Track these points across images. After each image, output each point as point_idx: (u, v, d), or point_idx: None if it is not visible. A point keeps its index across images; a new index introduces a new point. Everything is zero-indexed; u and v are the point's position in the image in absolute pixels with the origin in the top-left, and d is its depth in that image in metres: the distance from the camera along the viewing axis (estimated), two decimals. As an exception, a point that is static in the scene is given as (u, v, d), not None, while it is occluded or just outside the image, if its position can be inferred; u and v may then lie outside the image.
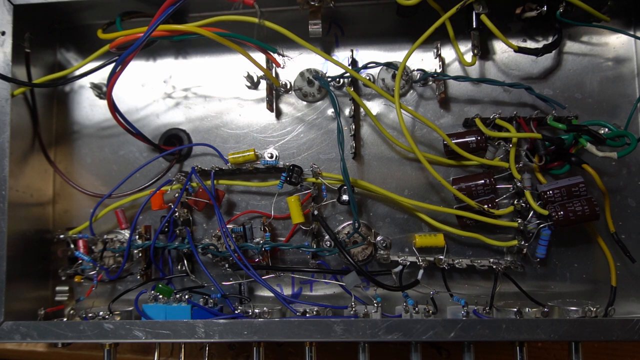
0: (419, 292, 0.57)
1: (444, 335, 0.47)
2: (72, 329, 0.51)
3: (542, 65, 0.59)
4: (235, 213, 0.62)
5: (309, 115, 0.62)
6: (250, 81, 0.62)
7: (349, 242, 0.59)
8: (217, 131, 0.63)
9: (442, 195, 0.60)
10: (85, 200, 0.64)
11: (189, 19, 0.61)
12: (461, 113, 0.60)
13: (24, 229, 0.59)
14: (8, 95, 0.56)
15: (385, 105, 0.61)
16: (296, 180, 0.57)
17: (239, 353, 0.66)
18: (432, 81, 0.60)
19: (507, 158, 0.56)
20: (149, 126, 0.64)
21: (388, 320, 0.47)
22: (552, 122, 0.55)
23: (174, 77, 0.64)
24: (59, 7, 0.58)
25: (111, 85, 0.51)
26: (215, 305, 0.56)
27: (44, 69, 0.63)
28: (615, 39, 0.59)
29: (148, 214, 0.63)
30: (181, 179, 0.60)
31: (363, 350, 0.52)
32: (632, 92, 0.58)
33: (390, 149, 0.61)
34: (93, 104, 0.66)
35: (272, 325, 0.49)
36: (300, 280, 0.61)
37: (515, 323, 0.47)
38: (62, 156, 0.65)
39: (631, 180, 0.58)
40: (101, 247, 0.62)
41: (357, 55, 0.62)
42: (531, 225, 0.55)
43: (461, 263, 0.56)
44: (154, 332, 0.50)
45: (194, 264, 0.62)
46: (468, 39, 0.58)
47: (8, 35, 0.56)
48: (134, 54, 0.49)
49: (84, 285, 0.64)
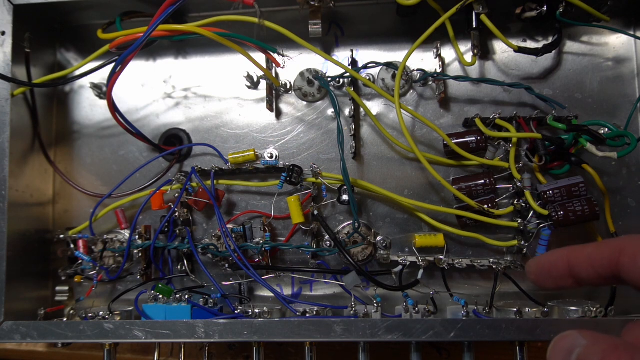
0: (419, 292, 0.57)
1: (444, 335, 0.47)
2: (72, 329, 0.51)
3: (542, 65, 0.59)
4: (235, 213, 0.62)
5: (309, 115, 0.62)
6: (250, 81, 0.62)
7: (349, 242, 0.59)
8: (217, 131, 0.63)
9: (442, 195, 0.60)
10: (85, 200, 0.64)
11: (189, 19, 0.61)
12: (461, 113, 0.60)
13: (24, 229, 0.59)
14: (8, 95, 0.56)
15: (385, 105, 0.61)
16: (296, 180, 0.57)
17: (238, 353, 0.66)
18: (432, 81, 0.60)
19: (507, 158, 0.56)
20: (149, 126, 0.64)
21: (388, 320, 0.47)
22: (552, 122, 0.55)
23: (174, 77, 0.64)
24: (59, 7, 0.58)
25: (111, 85, 0.51)
26: (215, 305, 0.56)
27: (44, 69, 0.63)
28: (615, 39, 0.59)
29: (148, 214, 0.63)
30: (181, 179, 0.60)
31: (363, 350, 0.52)
32: (632, 92, 0.58)
33: (390, 149, 0.61)
34: (93, 104, 0.66)
35: (272, 325, 0.49)
36: (300, 280, 0.61)
37: (515, 323, 0.46)
38: (62, 156, 0.65)
39: (631, 180, 0.58)
40: (101, 247, 0.62)
41: (357, 55, 0.62)
42: (531, 225, 0.55)
43: (461, 263, 0.56)
44: (154, 332, 0.50)
45: (194, 264, 0.62)
46: (468, 39, 0.58)
47: (8, 35, 0.56)
48: (134, 54, 0.49)
49: (84, 285, 0.64)
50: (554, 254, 0.37)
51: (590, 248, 0.35)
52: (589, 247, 0.35)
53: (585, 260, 0.35)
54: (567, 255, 0.36)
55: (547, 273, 0.37)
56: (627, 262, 0.32)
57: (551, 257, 0.37)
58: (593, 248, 0.35)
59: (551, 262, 0.37)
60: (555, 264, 0.36)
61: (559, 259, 0.36)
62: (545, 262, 0.37)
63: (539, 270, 0.37)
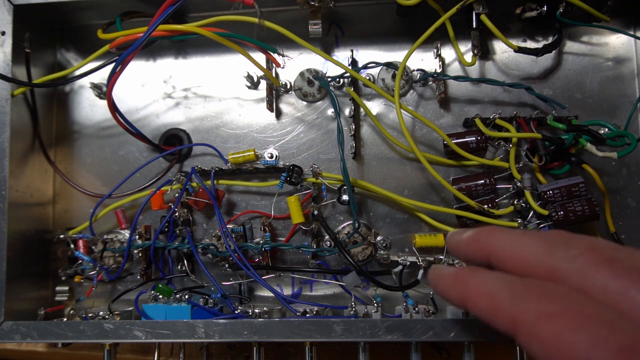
0: (419, 292, 0.57)
1: (444, 335, 0.47)
2: (72, 329, 0.51)
3: (542, 65, 0.59)
4: (235, 213, 0.62)
5: (309, 115, 0.62)
6: (250, 81, 0.62)
7: (349, 242, 0.59)
8: (217, 131, 0.63)
9: (442, 195, 0.60)
10: (85, 200, 0.64)
11: (189, 19, 0.61)
12: (461, 113, 0.60)
13: (24, 229, 0.59)
14: (8, 95, 0.56)
15: (385, 105, 0.61)
16: (296, 180, 0.57)
17: (238, 353, 0.66)
18: (432, 81, 0.60)
19: (507, 158, 0.56)
20: (149, 126, 0.64)
21: (388, 320, 0.47)
22: (552, 122, 0.55)
23: (174, 77, 0.64)
24: (59, 7, 0.58)
25: (111, 85, 0.51)
26: (215, 305, 0.56)
27: (44, 69, 0.63)
28: (615, 39, 0.59)
29: (148, 214, 0.63)
30: (181, 179, 0.60)
31: (363, 350, 0.52)
32: (632, 92, 0.58)
33: (390, 149, 0.61)
34: (93, 104, 0.66)
35: (272, 325, 0.49)
36: (300, 280, 0.61)
37: (515, 323, 0.46)
38: (62, 156, 0.65)
39: (631, 180, 0.58)
40: (101, 247, 0.61)
41: (357, 55, 0.62)
42: (531, 226, 0.55)
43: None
44: (154, 332, 0.50)
45: (194, 264, 0.62)
46: (468, 39, 0.58)
47: (8, 35, 0.56)
48: (134, 54, 0.49)
49: (84, 285, 0.64)
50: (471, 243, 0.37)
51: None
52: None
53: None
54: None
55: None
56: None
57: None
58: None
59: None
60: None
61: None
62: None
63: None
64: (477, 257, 0.35)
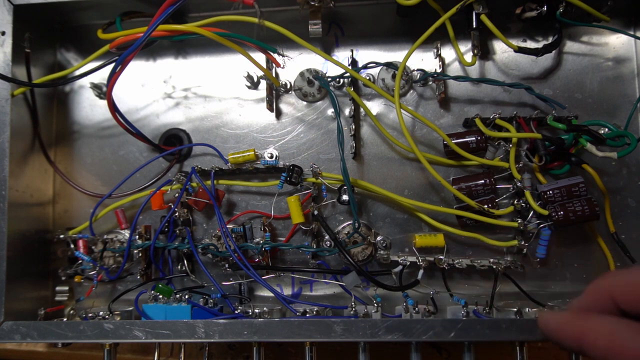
0: (419, 292, 0.57)
1: (444, 335, 0.47)
2: (72, 329, 0.51)
3: (542, 65, 0.59)
4: (235, 213, 0.62)
5: (309, 115, 0.62)
6: (250, 81, 0.62)
7: (349, 242, 0.59)
8: (217, 131, 0.63)
9: (442, 195, 0.60)
10: (85, 200, 0.64)
11: (189, 19, 0.61)
12: (461, 113, 0.60)
13: (24, 229, 0.59)
14: (8, 95, 0.56)
15: (385, 105, 0.61)
16: (296, 180, 0.57)
17: (238, 353, 0.66)
18: (432, 81, 0.60)
19: (507, 158, 0.56)
20: (149, 126, 0.64)
21: (388, 320, 0.47)
22: (552, 122, 0.55)
23: (174, 77, 0.64)
24: (59, 7, 0.58)
25: (111, 85, 0.51)
26: (215, 305, 0.56)
27: (44, 69, 0.63)
28: (615, 39, 0.59)
29: (148, 214, 0.63)
30: (181, 179, 0.60)
31: (363, 350, 0.52)
32: (632, 92, 0.58)
33: (390, 149, 0.61)
34: (93, 104, 0.66)
35: (272, 325, 0.49)
36: (300, 280, 0.61)
37: (515, 323, 0.46)
38: (62, 156, 0.65)
39: (631, 180, 0.58)
40: (101, 247, 0.62)
41: (357, 55, 0.62)
42: (531, 225, 0.55)
43: (461, 263, 0.56)
44: (154, 332, 0.50)
45: (194, 264, 0.62)
46: (468, 39, 0.58)
47: (8, 35, 0.56)
48: (134, 54, 0.49)
49: (84, 285, 0.64)
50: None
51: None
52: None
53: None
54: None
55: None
56: None
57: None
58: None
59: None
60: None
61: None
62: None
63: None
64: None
